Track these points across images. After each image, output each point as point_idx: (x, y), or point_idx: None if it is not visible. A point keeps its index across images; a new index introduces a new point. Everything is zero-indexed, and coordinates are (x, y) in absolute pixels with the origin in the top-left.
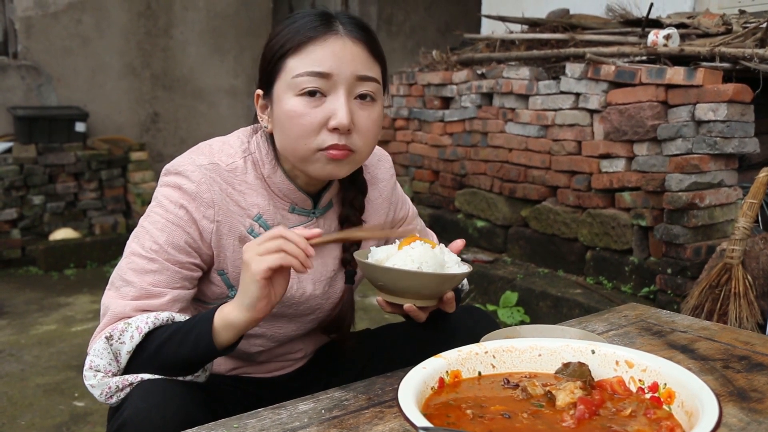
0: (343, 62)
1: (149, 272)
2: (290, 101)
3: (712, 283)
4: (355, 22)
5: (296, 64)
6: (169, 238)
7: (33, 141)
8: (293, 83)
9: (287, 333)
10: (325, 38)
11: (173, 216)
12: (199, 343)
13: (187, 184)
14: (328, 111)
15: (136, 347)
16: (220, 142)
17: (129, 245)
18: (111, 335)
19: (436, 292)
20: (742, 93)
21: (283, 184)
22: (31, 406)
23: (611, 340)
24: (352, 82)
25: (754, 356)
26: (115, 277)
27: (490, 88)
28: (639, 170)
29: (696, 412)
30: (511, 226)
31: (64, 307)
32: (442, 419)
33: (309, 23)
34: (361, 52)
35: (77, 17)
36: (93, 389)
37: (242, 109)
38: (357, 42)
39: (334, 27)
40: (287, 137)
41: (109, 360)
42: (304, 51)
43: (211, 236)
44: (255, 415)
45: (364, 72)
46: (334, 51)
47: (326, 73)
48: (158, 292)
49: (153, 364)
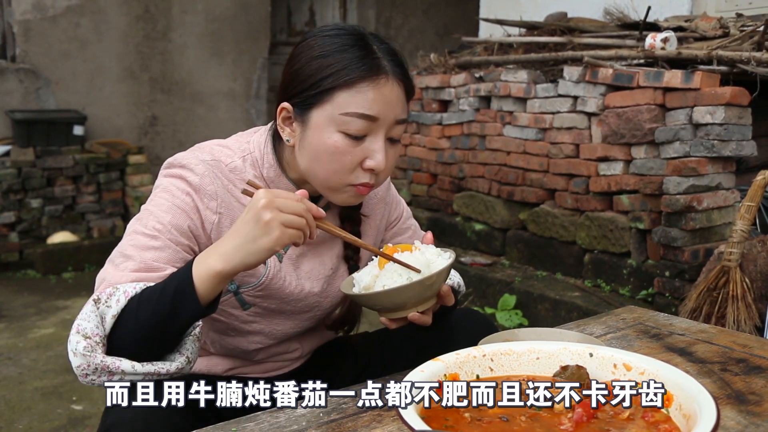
0: (389, 107)
1: (151, 248)
2: (333, 136)
3: (710, 285)
4: (398, 60)
5: (346, 101)
6: (173, 220)
7: (31, 144)
8: (340, 119)
9: (285, 330)
10: (378, 79)
11: (180, 201)
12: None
13: (192, 177)
14: (366, 151)
15: (121, 312)
16: (218, 144)
17: (131, 226)
18: (98, 298)
19: (432, 292)
20: (740, 96)
21: (284, 186)
22: (29, 409)
23: (609, 343)
24: (391, 126)
25: (752, 359)
26: (114, 255)
27: (488, 91)
28: (637, 173)
29: (694, 415)
30: (509, 229)
31: (62, 310)
32: (440, 422)
33: (357, 56)
34: (402, 95)
35: (75, 21)
36: (73, 357)
37: (241, 113)
38: (401, 84)
39: (383, 66)
40: (321, 167)
41: (96, 323)
42: (355, 89)
43: (212, 227)
44: (253, 418)
45: (402, 116)
46: (384, 94)
47: (375, 116)
48: (158, 266)
49: (133, 327)
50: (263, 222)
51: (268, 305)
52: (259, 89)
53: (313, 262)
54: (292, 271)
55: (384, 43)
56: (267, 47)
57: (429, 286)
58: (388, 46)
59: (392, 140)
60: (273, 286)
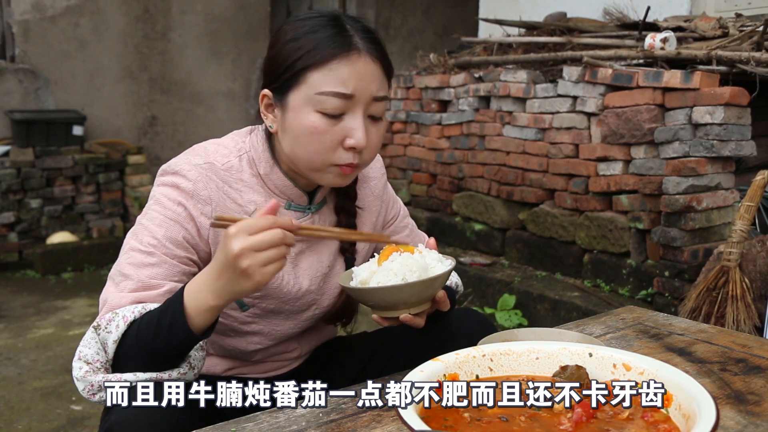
0: (364, 83)
1: (147, 265)
2: (310, 116)
3: (710, 285)
4: (371, 37)
5: (320, 80)
6: (167, 233)
7: (30, 144)
8: (315, 99)
9: (284, 331)
10: (349, 56)
11: (171, 212)
12: (173, 330)
13: (184, 183)
14: (346, 130)
15: (121, 337)
16: (214, 143)
17: (127, 242)
18: (99, 324)
19: (426, 296)
20: (739, 96)
21: (279, 182)
22: (28, 410)
23: (609, 343)
24: (368, 102)
25: (752, 359)
26: (113, 273)
27: (487, 91)
28: (636, 173)
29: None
30: (508, 229)
31: (62, 310)
32: (440, 422)
33: (328, 35)
34: (378, 71)
35: (75, 21)
36: (77, 383)
37: (240, 112)
38: (375, 60)
39: (355, 43)
40: (302, 149)
41: (96, 350)
42: (327, 67)
43: (208, 233)
44: (253, 418)
45: (381, 93)
46: (358, 70)
47: (350, 94)
48: (156, 284)
49: (135, 354)
50: (240, 270)
51: (266, 306)
52: (258, 89)
53: (311, 259)
54: (290, 270)
55: (358, 22)
56: (266, 47)
57: (423, 289)
58: (362, 24)
59: (373, 118)
60: (271, 285)
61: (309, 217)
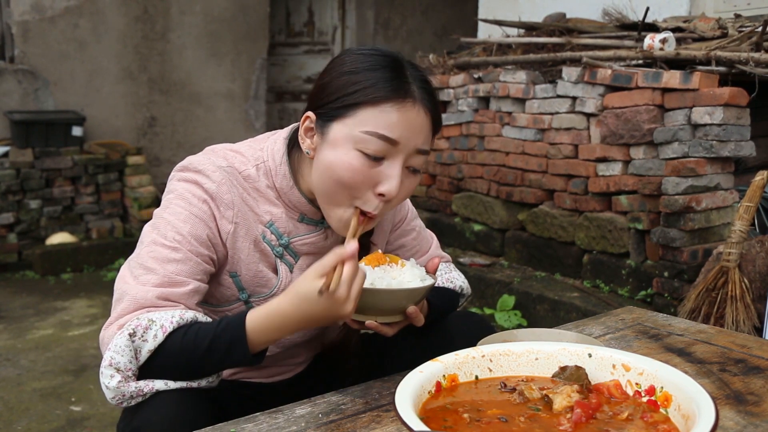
0: (411, 132)
1: (172, 261)
2: (350, 153)
3: (709, 286)
4: (428, 89)
5: (368, 119)
6: (192, 230)
7: (30, 145)
8: (359, 137)
9: (293, 339)
10: (404, 103)
11: (197, 209)
12: (233, 350)
13: (208, 183)
14: (381, 175)
15: (158, 347)
16: (230, 149)
17: (148, 235)
18: (134, 332)
19: (394, 306)
20: (738, 97)
21: (295, 198)
22: (28, 411)
23: (608, 344)
24: (411, 153)
25: (751, 359)
26: (133, 265)
27: (486, 91)
28: (635, 174)
29: (693, 415)
30: (508, 230)
31: (61, 311)
32: (440, 423)
33: (387, 76)
34: (428, 124)
35: (74, 21)
36: (107, 391)
37: (239, 113)
38: (428, 113)
39: (412, 91)
40: (331, 181)
41: (129, 358)
42: (379, 108)
43: (228, 237)
44: (252, 419)
45: (425, 146)
46: (408, 119)
47: (395, 140)
48: (181, 281)
49: (173, 365)
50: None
51: None
52: (257, 90)
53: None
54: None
55: (418, 70)
56: (266, 48)
57: (388, 299)
58: (421, 73)
59: (411, 170)
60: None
61: (322, 232)
